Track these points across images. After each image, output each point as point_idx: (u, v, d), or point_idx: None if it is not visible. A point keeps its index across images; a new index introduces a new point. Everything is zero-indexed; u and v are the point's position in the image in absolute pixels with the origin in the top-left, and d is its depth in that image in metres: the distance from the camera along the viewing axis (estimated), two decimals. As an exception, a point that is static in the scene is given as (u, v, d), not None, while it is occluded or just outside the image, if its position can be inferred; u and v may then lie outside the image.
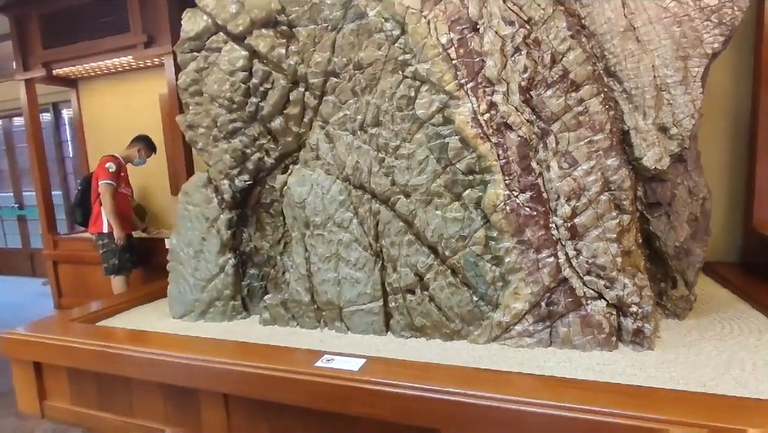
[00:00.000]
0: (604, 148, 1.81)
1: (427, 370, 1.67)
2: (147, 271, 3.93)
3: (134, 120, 4.34)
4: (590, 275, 1.84)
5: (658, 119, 1.84)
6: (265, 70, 2.18)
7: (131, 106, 4.37)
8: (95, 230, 3.62)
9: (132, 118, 4.36)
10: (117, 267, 3.61)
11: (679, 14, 1.80)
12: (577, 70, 1.80)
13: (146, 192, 4.46)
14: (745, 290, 2.44)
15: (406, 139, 1.97)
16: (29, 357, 2.30)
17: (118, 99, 4.43)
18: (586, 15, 1.84)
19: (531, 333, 1.89)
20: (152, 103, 4.25)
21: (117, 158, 3.66)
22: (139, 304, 2.85)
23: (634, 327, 1.82)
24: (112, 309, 2.71)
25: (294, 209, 2.22)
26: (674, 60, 1.81)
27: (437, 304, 2.01)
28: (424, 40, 1.87)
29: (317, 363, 1.75)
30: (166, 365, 1.94)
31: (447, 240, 1.96)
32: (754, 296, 2.35)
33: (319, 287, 2.20)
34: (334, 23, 2.02)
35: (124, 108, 4.40)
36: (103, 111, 4.53)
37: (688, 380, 1.58)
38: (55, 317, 2.56)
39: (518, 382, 1.57)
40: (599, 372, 1.66)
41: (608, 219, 1.82)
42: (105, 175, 3.52)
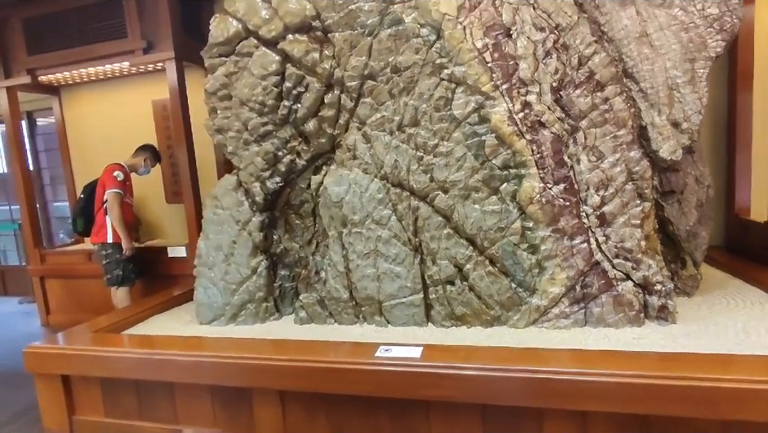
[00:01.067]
0: (627, 142, 2.00)
1: (488, 352, 1.78)
2: (146, 281, 3.84)
3: (124, 128, 4.23)
4: (619, 258, 2.02)
5: (671, 116, 2.05)
6: (298, 74, 2.24)
7: (121, 113, 4.26)
8: (99, 240, 3.51)
9: (121, 126, 4.25)
10: (121, 278, 3.52)
11: (686, 22, 2.02)
12: (602, 72, 1.97)
13: (139, 201, 4.35)
14: (735, 269, 2.72)
15: (444, 137, 2.09)
16: (58, 370, 2.24)
17: (106, 106, 4.31)
18: (605, 22, 2.03)
19: (567, 315, 2.04)
20: (145, 109, 4.16)
21: (123, 167, 3.57)
22: (153, 313, 2.80)
23: (659, 304, 2.01)
24: (129, 320, 2.65)
25: (331, 209, 2.29)
26: (683, 62, 2.02)
27: (477, 293, 2.13)
28: (461, 45, 2.00)
29: (377, 353, 1.82)
30: (220, 367, 1.95)
31: (485, 232, 2.08)
32: (743, 273, 2.63)
33: (358, 283, 2.26)
34: (371, 29, 2.11)
35: (112, 115, 4.28)
36: (89, 119, 4.38)
37: (716, 346, 1.76)
38: (77, 330, 2.49)
39: (586, 356, 1.70)
40: (637, 345, 1.83)
41: (633, 207, 2.01)
42: (113, 184, 3.43)
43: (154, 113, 4.13)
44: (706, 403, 1.47)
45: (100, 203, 3.50)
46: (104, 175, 3.52)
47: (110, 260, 3.50)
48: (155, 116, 4.13)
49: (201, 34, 3.85)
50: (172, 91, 3.49)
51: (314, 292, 2.40)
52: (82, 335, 2.39)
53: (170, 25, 3.39)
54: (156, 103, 4.12)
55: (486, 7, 1.98)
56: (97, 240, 3.52)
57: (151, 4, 3.46)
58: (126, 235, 3.46)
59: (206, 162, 3.87)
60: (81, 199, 3.63)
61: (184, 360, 2.02)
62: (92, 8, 3.57)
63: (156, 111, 4.12)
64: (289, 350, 1.94)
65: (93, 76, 4.12)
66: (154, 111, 4.13)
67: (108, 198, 3.42)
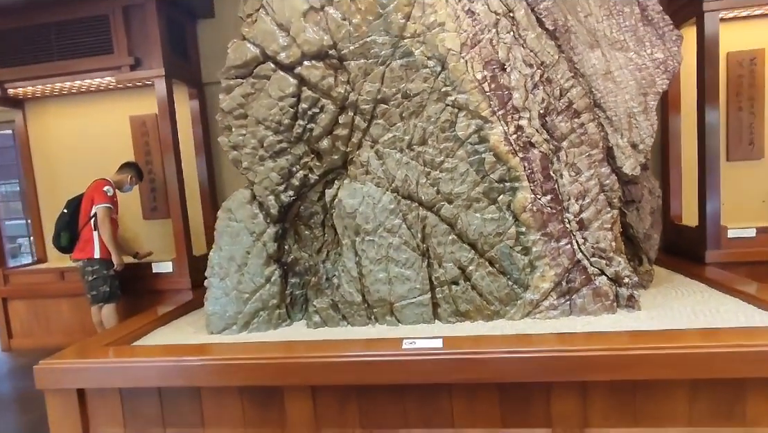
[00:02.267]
0: (599, 160, 2.41)
1: (499, 339, 2.07)
2: (129, 298, 3.77)
3: (97, 143, 4.16)
4: (595, 256, 2.40)
5: (630, 138, 2.49)
6: (314, 96, 2.45)
7: (94, 128, 4.18)
8: (84, 256, 3.42)
9: (94, 141, 4.17)
10: (108, 295, 3.45)
11: (639, 63, 2.48)
12: (578, 102, 2.38)
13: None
14: (674, 266, 3.24)
15: (449, 155, 2.39)
16: (74, 384, 2.23)
17: (77, 121, 4.20)
18: (578, 61, 2.44)
19: (556, 306, 2.39)
20: (121, 125, 4.12)
21: (111, 182, 3.52)
22: (156, 327, 2.82)
23: (627, 294, 2.41)
24: (132, 334, 2.64)
25: (345, 219, 2.50)
26: (638, 95, 2.48)
27: (479, 291, 2.42)
28: (463, 76, 2.32)
29: (404, 346, 2.05)
30: (252, 369, 2.08)
31: (485, 237, 2.39)
32: (682, 269, 3.15)
33: (371, 287, 2.48)
34: (384, 59, 2.38)
35: (84, 130, 4.19)
36: (58, 133, 4.25)
37: (676, 325, 2.17)
38: (87, 344, 2.47)
39: (580, 338, 2.04)
40: (616, 327, 2.20)
41: (605, 213, 2.41)
42: (103, 199, 3.37)
43: (132, 129, 4.10)
44: (675, 366, 1.84)
45: (86, 218, 3.42)
46: (92, 190, 3.46)
47: (97, 276, 3.42)
48: (133, 132, 4.10)
49: (185, 53, 3.93)
50: (161, 108, 3.52)
51: (326, 297, 2.58)
52: (94, 348, 2.39)
53: (160, 43, 3.46)
54: (134, 118, 4.09)
55: (485, 45, 2.32)
56: (82, 256, 3.43)
57: (139, 21, 3.50)
58: (116, 251, 3.41)
59: (188, 178, 3.89)
60: (65, 214, 3.52)
61: (215, 364, 2.13)
62: (75, 23, 3.54)
63: (134, 127, 4.09)
64: (322, 348, 2.12)
65: (65, 91, 4.02)
66: (132, 127, 4.10)
67: (98, 213, 3.37)
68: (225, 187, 4.25)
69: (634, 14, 2.49)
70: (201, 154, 4.06)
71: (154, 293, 3.67)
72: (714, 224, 3.25)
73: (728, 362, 1.82)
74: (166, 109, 3.52)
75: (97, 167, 3.97)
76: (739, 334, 1.98)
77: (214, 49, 4.06)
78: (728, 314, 2.28)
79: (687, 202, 3.67)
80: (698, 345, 1.87)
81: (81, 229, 3.45)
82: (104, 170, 3.81)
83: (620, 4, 2.49)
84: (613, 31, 2.47)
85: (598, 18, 2.47)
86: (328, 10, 2.38)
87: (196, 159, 4.05)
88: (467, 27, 2.31)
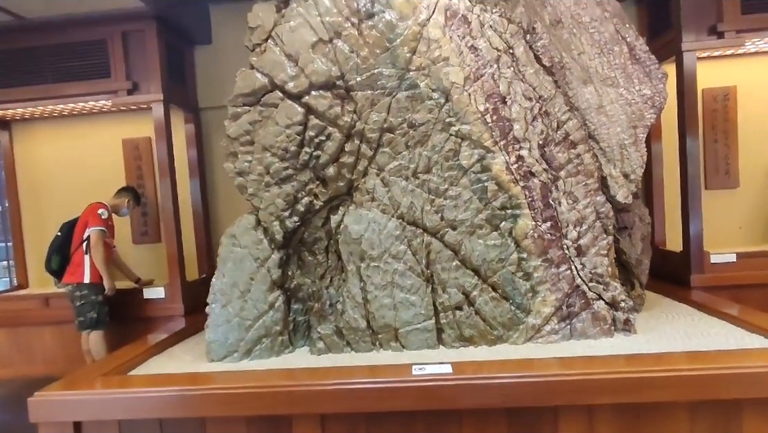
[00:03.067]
0: (595, 189, 2.52)
1: (509, 363, 2.11)
2: (119, 325, 3.65)
3: (87, 165, 4.09)
4: (593, 282, 2.49)
5: (623, 169, 2.62)
6: (321, 124, 2.51)
7: (83, 151, 4.12)
8: (74, 280, 3.32)
9: (85, 164, 4.10)
10: (95, 321, 3.34)
11: (629, 99, 2.64)
12: (575, 134, 2.50)
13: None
14: (661, 290, 3.37)
15: (453, 183, 2.47)
16: (72, 417, 2.15)
17: (66, 143, 4.14)
18: (573, 95, 2.58)
19: (557, 331, 2.45)
20: (113, 148, 4.07)
21: (107, 206, 3.46)
22: (151, 355, 2.74)
23: (624, 318, 2.50)
24: (127, 364, 2.55)
25: (350, 245, 2.52)
26: (629, 128, 2.63)
27: (482, 316, 2.47)
28: (467, 108, 2.42)
29: (414, 372, 2.07)
30: (260, 397, 2.06)
31: (488, 263, 2.46)
32: (669, 293, 3.28)
33: (376, 313, 2.50)
34: (390, 90, 2.46)
35: (74, 153, 4.12)
36: (45, 156, 4.16)
37: (673, 347, 2.26)
38: (81, 375, 2.39)
39: (583, 361, 2.09)
40: (616, 350, 2.27)
41: (601, 240, 2.51)
42: (97, 222, 3.31)
43: (125, 152, 4.06)
44: (676, 389, 1.92)
45: (79, 242, 3.34)
46: (87, 214, 3.39)
47: (85, 302, 3.32)
48: (125, 155, 4.06)
49: (182, 78, 3.95)
50: (158, 132, 3.51)
51: (330, 323, 2.58)
52: (90, 378, 2.31)
53: (159, 68, 3.47)
54: (127, 142, 4.05)
55: (487, 79, 2.43)
56: (72, 280, 3.33)
57: (138, 46, 3.52)
58: (108, 275, 3.33)
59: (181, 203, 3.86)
60: (58, 237, 3.42)
61: (220, 393, 2.10)
62: (71, 47, 3.54)
63: (127, 150, 4.05)
64: (331, 375, 2.11)
65: (56, 113, 3.97)
66: (124, 150, 4.06)
67: (91, 236, 3.29)
68: (218, 212, 4.23)
69: (623, 53, 2.66)
70: (195, 178, 4.04)
71: (145, 320, 3.58)
72: (697, 250, 3.41)
73: (724, 383, 1.91)
74: (164, 133, 3.51)
75: (86, 190, 3.89)
76: (732, 356, 2.08)
77: (211, 75, 4.10)
78: (719, 336, 2.38)
79: (671, 229, 3.83)
80: (695, 367, 1.96)
81: (73, 252, 3.36)
82: (93, 194, 3.74)
83: (610, 44, 2.65)
84: (605, 68, 2.63)
85: (590, 56, 2.62)
86: (336, 43, 2.46)
87: (190, 183, 4.03)
88: (470, 62, 2.43)
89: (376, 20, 2.43)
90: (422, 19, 2.41)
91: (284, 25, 2.49)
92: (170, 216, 3.55)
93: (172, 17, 3.57)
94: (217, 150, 4.20)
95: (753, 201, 3.91)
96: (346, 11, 2.45)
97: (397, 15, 2.41)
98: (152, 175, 4.07)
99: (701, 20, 3.30)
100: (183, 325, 3.35)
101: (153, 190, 4.07)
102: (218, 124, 4.17)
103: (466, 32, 2.42)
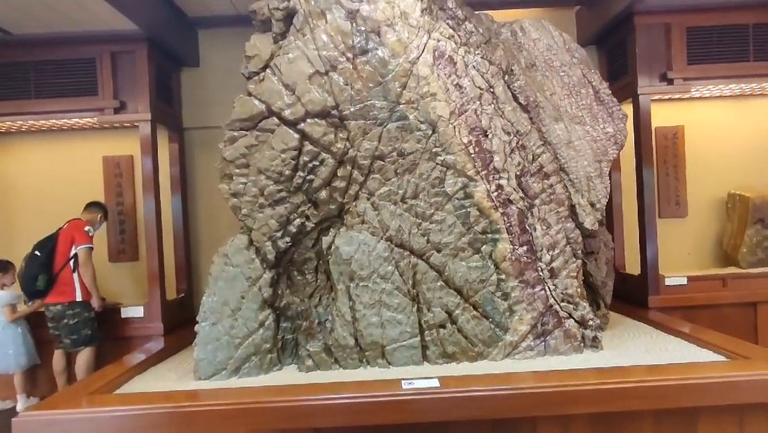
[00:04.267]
0: (565, 216, 2.77)
1: (493, 377, 2.26)
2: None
3: (65, 182, 4.03)
4: (564, 301, 2.71)
5: (589, 198, 2.89)
6: (315, 150, 2.64)
7: (61, 167, 4.06)
8: (64, 299, 3.28)
9: (61, 180, 4.04)
10: (89, 337, 3.33)
11: (594, 136, 2.93)
12: (548, 166, 2.75)
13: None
14: (622, 310, 3.64)
15: (439, 208, 2.65)
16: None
17: (44, 159, 4.08)
18: (546, 131, 2.85)
19: (532, 347, 2.63)
20: (93, 165, 4.04)
21: (89, 223, 3.42)
22: (133, 375, 2.72)
23: (592, 335, 2.72)
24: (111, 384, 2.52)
25: (340, 265, 2.64)
26: (594, 162, 2.91)
27: (464, 334, 2.63)
28: (452, 140, 2.63)
29: (404, 386, 2.18)
30: (257, 413, 2.11)
31: (470, 283, 2.63)
32: (629, 313, 3.56)
33: (364, 331, 2.61)
34: (381, 121, 2.64)
35: (51, 169, 4.06)
36: (21, 171, 4.08)
37: (637, 361, 2.49)
38: (67, 394, 2.36)
39: (559, 375, 2.27)
40: (587, 365, 2.47)
41: (571, 263, 2.74)
42: (85, 239, 3.27)
43: (105, 170, 4.04)
44: (642, 398, 2.12)
45: (64, 260, 3.28)
46: (71, 230, 3.34)
47: (78, 320, 3.30)
48: (105, 173, 4.03)
49: (169, 98, 4.01)
50: (144, 150, 3.54)
51: (319, 341, 2.67)
52: (78, 397, 2.29)
53: (148, 89, 3.53)
54: (108, 159, 4.04)
55: (470, 114, 2.65)
56: (62, 299, 3.28)
57: (128, 66, 3.57)
58: (97, 292, 3.31)
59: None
60: (40, 256, 3.32)
61: (216, 410, 2.14)
62: (58, 63, 3.54)
63: (107, 167, 4.03)
64: (324, 390, 2.20)
65: (34, 128, 3.92)
66: (105, 167, 4.03)
67: (80, 254, 3.25)
68: (199, 231, 4.24)
69: (589, 95, 2.96)
70: (177, 197, 4.05)
71: (123, 340, 3.52)
72: (654, 273, 3.72)
73: (683, 393, 2.13)
74: (150, 151, 3.54)
75: (61, 207, 3.83)
76: (688, 369, 2.31)
77: (196, 97, 4.18)
78: (675, 351, 2.64)
79: (630, 253, 4.16)
80: (657, 379, 2.18)
81: (58, 271, 3.30)
82: (68, 211, 3.69)
83: (578, 86, 2.96)
84: (573, 108, 2.92)
85: (560, 96, 2.91)
86: (332, 75, 2.63)
87: (172, 202, 4.04)
88: (455, 98, 2.65)
89: (370, 56, 2.63)
90: (412, 58, 2.62)
91: (283, 57, 2.64)
92: (153, 234, 3.55)
93: (162, 40, 3.65)
94: (200, 169, 4.25)
95: (700, 229, 4.31)
96: (342, 47, 2.63)
97: (390, 53, 2.61)
98: (132, 193, 4.06)
99: (654, 68, 3.70)
100: (162, 344, 3.33)
101: (132, 208, 4.05)
102: (202, 144, 4.25)
103: (452, 71, 2.65)
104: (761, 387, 2.13)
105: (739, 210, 4.09)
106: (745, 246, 4.04)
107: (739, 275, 3.88)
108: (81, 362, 3.30)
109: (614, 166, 4.15)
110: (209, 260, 2.73)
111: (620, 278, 4.08)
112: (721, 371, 2.25)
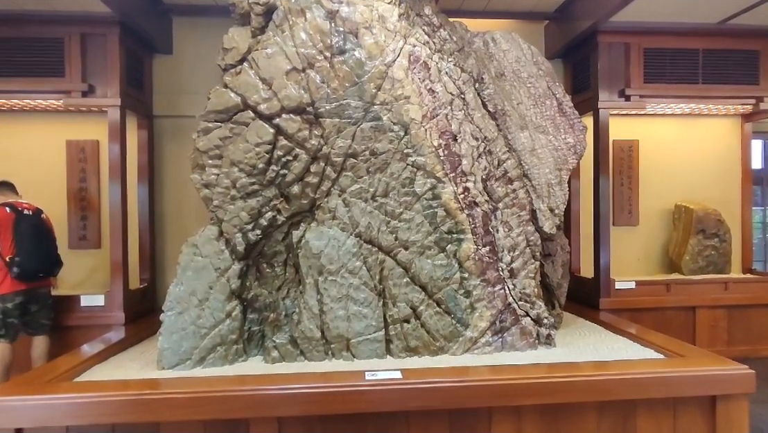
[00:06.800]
0: (526, 220, 2.92)
1: (451, 370, 2.38)
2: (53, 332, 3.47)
3: (24, 165, 3.89)
4: (522, 300, 2.86)
5: (549, 204, 3.06)
6: (289, 145, 2.69)
7: (22, 150, 3.92)
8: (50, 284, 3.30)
9: (22, 164, 3.89)
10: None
11: (556, 145, 3.11)
12: (512, 171, 2.90)
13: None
14: (576, 311, 3.86)
15: (407, 207, 2.74)
16: (14, 424, 2.09)
17: (3, 139, 3.91)
18: (512, 138, 2.99)
19: (490, 343, 2.78)
20: (55, 148, 3.92)
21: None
22: (92, 365, 2.69)
23: (546, 333, 2.89)
24: (71, 372, 2.49)
25: (310, 259, 2.70)
26: (555, 170, 3.08)
27: (427, 329, 2.74)
28: (423, 142, 2.73)
29: (367, 377, 2.27)
30: (218, 401, 2.14)
31: (435, 281, 2.75)
32: (581, 313, 3.77)
33: (330, 324, 2.67)
34: (356, 120, 2.71)
35: (9, 151, 3.90)
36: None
37: (585, 358, 2.67)
38: (24, 380, 2.31)
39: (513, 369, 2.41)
40: (541, 360, 2.63)
41: (530, 264, 2.90)
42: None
43: (68, 154, 3.92)
44: (586, 391, 2.29)
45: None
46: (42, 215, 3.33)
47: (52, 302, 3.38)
48: (69, 157, 3.92)
49: (140, 84, 3.93)
50: (112, 136, 3.46)
51: (285, 333, 2.72)
52: (36, 384, 2.26)
53: (118, 73, 3.46)
54: (72, 143, 3.92)
55: (441, 118, 2.77)
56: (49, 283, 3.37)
57: (98, 49, 3.49)
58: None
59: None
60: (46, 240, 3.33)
61: (177, 397, 2.16)
62: (23, 41, 3.42)
63: (71, 152, 3.91)
64: (289, 381, 2.25)
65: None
66: (68, 151, 3.92)
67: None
68: (164, 220, 4.18)
69: (553, 106, 3.13)
70: (143, 185, 3.98)
71: (81, 329, 3.44)
72: (605, 277, 3.96)
73: (623, 386, 2.31)
74: (117, 137, 3.48)
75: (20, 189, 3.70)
76: (629, 365, 2.51)
77: (168, 85, 4.11)
78: (620, 350, 2.84)
79: (584, 257, 4.39)
80: (601, 374, 2.36)
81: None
82: (28, 193, 3.57)
83: (543, 97, 3.12)
84: (538, 117, 3.08)
85: (526, 106, 3.07)
86: (309, 73, 2.68)
87: (138, 189, 3.97)
88: (428, 102, 2.75)
89: (347, 57, 2.69)
90: (388, 61, 2.71)
91: (261, 51, 2.67)
92: (118, 222, 3.49)
93: (135, 24, 3.59)
94: (169, 158, 4.19)
95: (649, 237, 4.61)
96: (320, 45, 2.69)
97: (366, 54, 2.69)
98: (96, 179, 3.96)
99: (613, 85, 3.94)
100: (124, 334, 3.28)
101: (96, 194, 3.95)
102: (172, 133, 4.19)
103: (426, 76, 2.75)
104: (693, 383, 2.34)
105: (684, 221, 4.41)
106: (688, 254, 4.36)
107: (682, 281, 4.18)
108: (37, 349, 3.21)
109: (573, 174, 4.38)
110: (174, 250, 2.74)
111: (575, 281, 4.32)
112: (658, 367, 2.45)
